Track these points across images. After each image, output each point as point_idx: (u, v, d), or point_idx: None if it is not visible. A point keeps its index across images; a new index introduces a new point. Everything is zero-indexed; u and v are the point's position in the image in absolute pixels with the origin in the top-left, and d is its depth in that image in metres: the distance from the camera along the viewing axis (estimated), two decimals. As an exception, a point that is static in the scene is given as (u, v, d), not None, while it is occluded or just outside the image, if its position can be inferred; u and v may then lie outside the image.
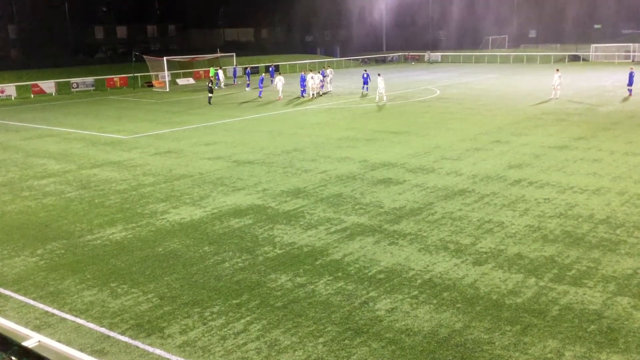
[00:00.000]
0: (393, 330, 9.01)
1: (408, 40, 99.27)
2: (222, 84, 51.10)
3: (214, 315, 9.68)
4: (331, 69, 48.48)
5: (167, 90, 50.58)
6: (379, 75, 39.09)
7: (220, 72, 51.38)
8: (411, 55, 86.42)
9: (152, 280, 11.17)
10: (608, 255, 11.72)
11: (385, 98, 37.42)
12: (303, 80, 42.17)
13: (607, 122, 27.55)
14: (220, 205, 15.90)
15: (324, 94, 42.76)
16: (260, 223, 14.33)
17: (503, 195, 16.10)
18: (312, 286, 10.65)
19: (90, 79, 52.14)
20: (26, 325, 9.39)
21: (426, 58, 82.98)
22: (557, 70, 37.93)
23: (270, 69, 55.81)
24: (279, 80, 41.36)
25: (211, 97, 39.08)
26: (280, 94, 40.76)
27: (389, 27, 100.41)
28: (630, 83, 37.04)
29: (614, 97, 36.97)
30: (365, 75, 42.84)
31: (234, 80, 54.49)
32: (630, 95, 37.00)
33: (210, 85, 39.55)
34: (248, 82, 50.31)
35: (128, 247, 13.01)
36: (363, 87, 42.78)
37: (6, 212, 16.03)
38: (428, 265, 11.44)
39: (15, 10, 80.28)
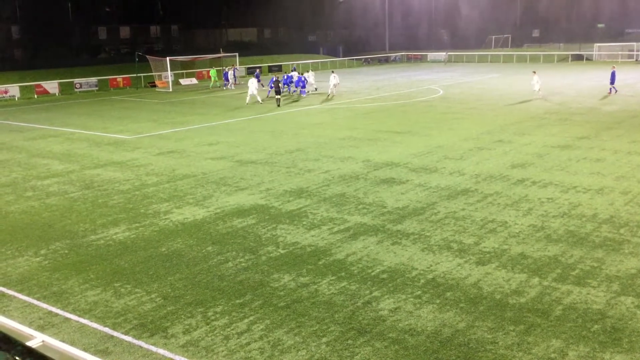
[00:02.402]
0: (396, 330, 9.01)
1: (411, 40, 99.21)
2: (231, 85, 50.32)
3: (217, 315, 9.69)
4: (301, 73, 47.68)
5: (170, 90, 50.63)
6: (332, 72, 43.25)
7: (230, 73, 50.73)
8: (414, 55, 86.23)
9: (155, 280, 11.19)
10: (612, 254, 11.69)
11: (331, 92, 40.80)
12: (289, 79, 43.79)
13: (610, 121, 27.48)
14: (223, 205, 15.91)
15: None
16: (263, 223, 14.34)
17: (506, 194, 16.08)
18: (315, 286, 10.65)
19: (93, 79, 52.22)
20: (30, 325, 9.41)
21: (443, 58, 77.41)
22: (534, 72, 37.61)
23: (256, 73, 51.55)
24: (311, 75, 45.39)
25: (279, 99, 36.68)
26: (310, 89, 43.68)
27: (392, 27, 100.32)
28: (612, 82, 37.87)
29: (617, 96, 36.88)
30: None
31: (235, 80, 54.30)
32: (610, 93, 37.65)
33: (280, 87, 36.80)
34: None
35: (131, 247, 13.03)
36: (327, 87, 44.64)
37: (10, 212, 16.07)
38: (431, 265, 11.43)
39: (18, 10, 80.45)
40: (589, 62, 71.58)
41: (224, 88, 50.30)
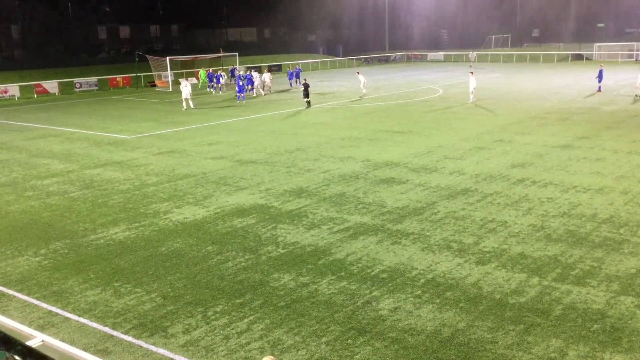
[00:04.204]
0: (396, 330, 9.01)
1: (410, 40, 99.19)
2: (223, 87, 48.37)
3: (217, 315, 9.69)
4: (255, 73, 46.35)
5: (170, 90, 50.61)
6: (358, 73, 43.89)
7: (223, 75, 49.26)
8: (414, 54, 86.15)
9: (155, 280, 11.19)
10: (611, 254, 11.70)
11: (364, 91, 40.96)
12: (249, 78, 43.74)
13: (611, 121, 27.48)
14: (223, 205, 15.92)
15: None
16: (263, 222, 14.34)
17: (506, 194, 16.08)
18: (315, 286, 10.66)
19: (93, 79, 52.23)
20: (30, 324, 9.42)
21: (471, 57, 74.70)
22: (472, 73, 36.64)
23: (217, 75, 49.03)
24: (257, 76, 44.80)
25: (309, 101, 35.73)
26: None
27: (392, 27, 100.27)
28: (600, 80, 38.74)
29: (617, 96, 36.89)
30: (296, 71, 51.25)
31: (230, 80, 53.98)
32: (598, 91, 38.39)
33: (309, 91, 35.97)
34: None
35: (131, 247, 13.03)
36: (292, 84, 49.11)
37: (10, 212, 16.07)
38: (431, 265, 11.43)
39: (18, 10, 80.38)
40: (589, 61, 71.54)
41: (212, 91, 48.24)
